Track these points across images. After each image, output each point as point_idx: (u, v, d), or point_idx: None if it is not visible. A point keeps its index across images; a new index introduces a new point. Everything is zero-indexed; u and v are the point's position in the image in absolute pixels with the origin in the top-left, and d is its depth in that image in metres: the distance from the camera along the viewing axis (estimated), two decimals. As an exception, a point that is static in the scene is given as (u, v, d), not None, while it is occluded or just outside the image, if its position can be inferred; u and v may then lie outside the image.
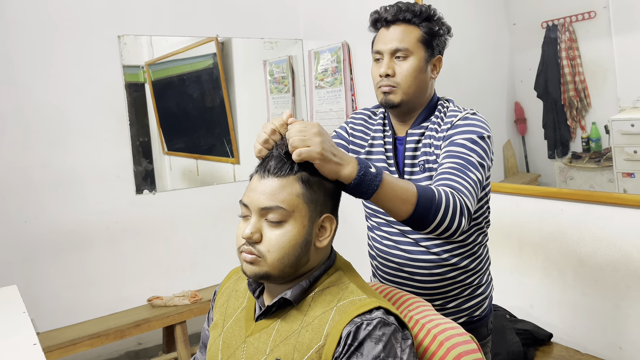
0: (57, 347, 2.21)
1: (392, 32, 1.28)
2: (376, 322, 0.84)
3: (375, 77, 1.31)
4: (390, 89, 1.27)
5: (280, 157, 0.92)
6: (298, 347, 0.87)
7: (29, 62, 2.40)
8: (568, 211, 1.94)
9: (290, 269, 0.92)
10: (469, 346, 0.93)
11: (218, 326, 1.04)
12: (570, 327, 1.97)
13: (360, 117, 1.42)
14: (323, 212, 0.94)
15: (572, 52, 1.92)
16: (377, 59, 1.31)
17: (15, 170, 2.38)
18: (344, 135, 1.41)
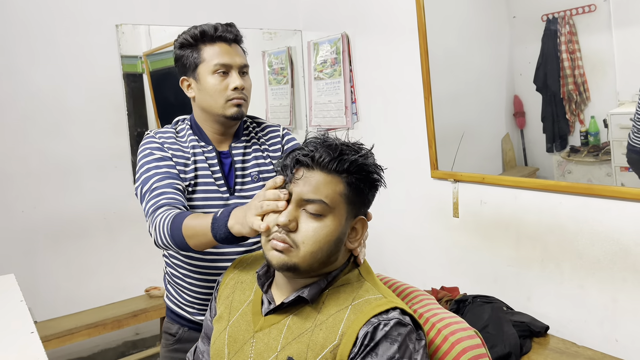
0: (54, 336, 2.21)
1: (234, 49, 1.35)
2: (393, 323, 0.84)
3: (222, 90, 1.31)
4: (242, 102, 1.33)
5: (329, 152, 0.90)
6: (312, 346, 0.86)
7: (27, 52, 2.38)
8: (566, 204, 1.94)
9: (319, 265, 0.91)
10: (473, 341, 0.93)
11: (223, 319, 1.02)
12: (566, 320, 1.98)
13: (168, 135, 1.36)
14: (357, 215, 0.94)
15: (572, 45, 1.92)
16: (222, 71, 1.31)
17: (13, 159, 2.37)
18: (166, 155, 1.33)
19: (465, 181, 2.33)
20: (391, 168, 2.79)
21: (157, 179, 1.25)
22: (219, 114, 1.33)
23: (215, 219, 1.04)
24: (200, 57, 1.32)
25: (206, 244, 1.09)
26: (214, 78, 1.31)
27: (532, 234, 2.08)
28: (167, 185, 1.25)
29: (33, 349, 1.13)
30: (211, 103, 1.32)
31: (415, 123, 2.52)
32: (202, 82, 1.32)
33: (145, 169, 1.30)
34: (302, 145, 0.95)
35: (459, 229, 2.39)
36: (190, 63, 1.33)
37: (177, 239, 1.12)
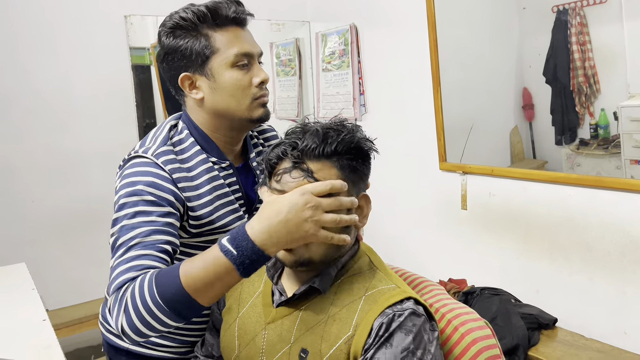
0: (64, 325, 2.24)
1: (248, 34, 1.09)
2: (408, 313, 0.83)
3: (246, 87, 1.05)
4: (267, 100, 1.09)
5: (313, 139, 0.87)
6: (326, 337, 0.85)
7: (34, 44, 2.38)
8: (576, 196, 1.93)
9: (333, 251, 0.89)
10: (483, 332, 0.92)
11: (232, 311, 1.01)
12: (575, 312, 1.98)
13: (168, 159, 1.02)
14: (358, 192, 0.93)
15: (583, 37, 1.90)
16: (244, 63, 1.05)
17: (21, 152, 2.38)
18: (165, 197, 0.98)
19: (473, 173, 2.32)
20: (399, 160, 2.81)
21: (140, 232, 0.93)
22: (242, 118, 1.06)
23: (237, 256, 0.80)
24: (211, 46, 1.02)
25: (227, 288, 0.83)
26: (234, 72, 1.03)
27: (541, 226, 2.07)
28: (151, 244, 0.92)
29: (45, 336, 1.14)
30: (232, 105, 1.04)
31: (423, 115, 2.51)
32: (217, 78, 1.03)
33: (126, 213, 0.95)
34: (283, 139, 0.91)
35: (467, 221, 2.38)
36: (197, 54, 1.02)
37: (174, 302, 0.80)
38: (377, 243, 1.42)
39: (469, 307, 0.98)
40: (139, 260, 0.89)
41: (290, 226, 0.80)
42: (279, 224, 0.80)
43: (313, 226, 0.81)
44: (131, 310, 0.82)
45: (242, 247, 0.80)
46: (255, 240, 0.80)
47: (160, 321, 0.82)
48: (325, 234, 0.83)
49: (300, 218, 0.80)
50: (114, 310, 0.85)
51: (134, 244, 0.91)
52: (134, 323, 0.82)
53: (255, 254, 0.80)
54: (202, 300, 0.82)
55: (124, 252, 0.91)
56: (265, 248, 0.81)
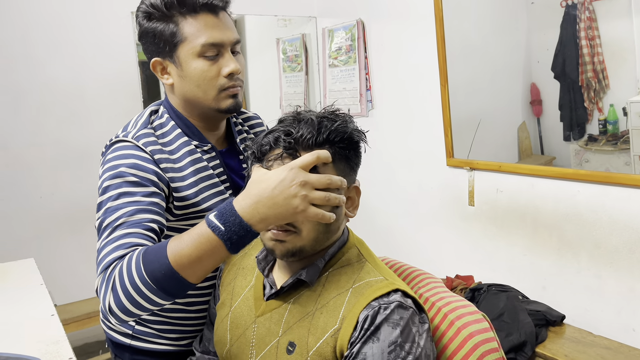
0: (72, 320, 2.25)
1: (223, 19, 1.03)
2: (394, 306, 0.81)
3: (213, 78, 1.02)
4: (238, 90, 1.05)
5: (307, 127, 0.86)
6: (312, 330, 0.84)
7: (44, 39, 2.39)
8: (584, 193, 1.92)
9: (323, 237, 0.88)
10: (480, 325, 0.89)
11: (225, 305, 1.01)
12: (583, 309, 1.97)
13: (149, 141, 1.03)
14: (349, 184, 0.91)
15: (592, 32, 1.89)
16: (211, 54, 1.01)
17: (31, 146, 2.39)
18: (147, 177, 0.98)
19: (481, 169, 2.31)
20: (406, 156, 2.80)
21: (125, 212, 0.91)
22: (209, 107, 1.05)
23: (225, 232, 0.79)
24: (179, 33, 0.99)
25: (214, 265, 0.82)
26: (201, 62, 1.00)
27: (548, 222, 2.06)
28: (137, 223, 0.90)
29: (54, 331, 1.15)
30: (198, 94, 1.03)
31: (431, 110, 2.50)
32: (184, 67, 1.01)
33: (110, 195, 0.94)
34: (277, 126, 0.90)
35: (474, 217, 2.37)
36: (166, 41, 1.00)
37: (162, 279, 0.79)
38: (383, 238, 1.42)
39: (466, 300, 0.96)
40: (126, 239, 0.88)
41: (278, 202, 0.79)
42: (267, 200, 0.79)
43: (302, 202, 0.79)
44: (119, 289, 0.81)
45: (229, 222, 0.79)
46: (243, 216, 0.79)
47: (149, 299, 0.81)
48: (315, 211, 0.81)
49: (288, 194, 0.79)
50: (101, 289, 0.84)
51: (120, 223, 0.90)
52: (122, 302, 0.81)
53: (243, 230, 0.79)
54: (191, 277, 0.81)
55: (110, 233, 0.90)
56: (252, 223, 0.80)
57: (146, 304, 0.81)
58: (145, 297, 0.81)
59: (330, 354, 0.82)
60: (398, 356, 0.78)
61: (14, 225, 2.36)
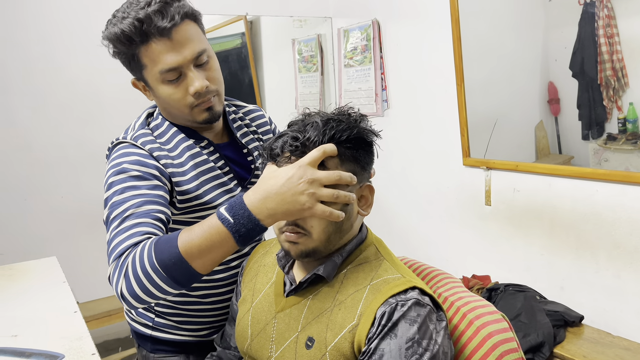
0: (93, 317, 2.29)
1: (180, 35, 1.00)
2: (411, 303, 0.82)
3: (181, 98, 1.03)
4: (212, 101, 1.06)
5: (315, 130, 0.87)
6: (331, 326, 0.86)
7: (65, 42, 2.44)
8: (603, 192, 1.90)
9: (335, 236, 0.89)
10: (499, 325, 0.89)
11: (247, 301, 1.03)
12: (602, 309, 1.95)
13: (147, 140, 1.06)
14: (362, 182, 0.92)
15: (610, 29, 1.86)
16: (171, 78, 1.01)
17: (52, 146, 2.44)
18: (149, 172, 1.01)
19: (498, 169, 2.30)
20: (422, 155, 2.79)
21: (132, 204, 0.94)
22: (189, 120, 1.08)
23: (234, 224, 0.81)
24: (139, 62, 1.01)
25: (222, 257, 0.84)
26: (165, 87, 1.02)
27: (566, 222, 2.04)
28: (145, 213, 0.92)
29: (77, 328, 1.17)
30: (174, 112, 1.06)
31: (447, 110, 2.49)
32: (154, 90, 1.05)
33: (115, 190, 0.97)
34: (285, 130, 0.91)
35: (491, 217, 2.36)
36: (133, 65, 1.03)
37: (172, 268, 0.82)
38: (400, 238, 1.43)
39: (485, 300, 0.95)
40: (137, 228, 0.90)
41: (286, 198, 0.81)
42: (275, 196, 0.81)
43: (309, 199, 0.81)
44: (131, 276, 0.83)
45: (238, 215, 0.82)
46: (252, 210, 0.82)
47: (159, 287, 0.83)
48: (323, 208, 0.82)
49: (295, 190, 0.81)
50: (114, 276, 0.87)
51: (128, 214, 0.92)
52: (133, 288, 0.84)
53: (251, 223, 0.82)
54: (199, 267, 0.83)
55: (119, 224, 0.92)
56: (261, 218, 0.82)
57: (156, 291, 0.84)
58: (155, 284, 0.83)
59: (348, 350, 0.83)
60: (415, 353, 0.79)
61: (36, 224, 2.41)
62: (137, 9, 0.97)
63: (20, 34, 2.34)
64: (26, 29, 2.35)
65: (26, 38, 2.35)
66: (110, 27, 1.02)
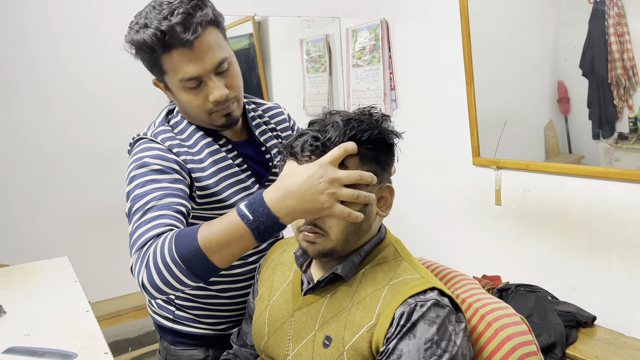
0: (103, 317, 2.30)
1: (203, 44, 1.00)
2: (430, 304, 0.81)
3: (200, 105, 1.05)
4: (231, 107, 1.07)
5: (334, 130, 0.87)
6: (349, 325, 0.85)
7: (73, 41, 2.45)
8: (615, 191, 1.89)
9: (353, 237, 0.89)
10: (518, 327, 0.88)
11: (264, 299, 1.04)
12: (614, 310, 1.93)
13: (170, 135, 1.10)
14: (382, 183, 0.91)
15: (621, 28, 1.85)
16: (192, 86, 1.03)
17: (62, 147, 2.45)
18: (170, 166, 1.03)
19: (508, 168, 2.29)
20: (432, 155, 2.78)
21: (154, 196, 0.96)
22: (207, 123, 1.10)
23: (253, 221, 0.82)
24: (160, 68, 1.03)
25: (241, 252, 0.85)
26: (185, 94, 1.04)
27: (578, 222, 2.03)
28: (166, 205, 0.94)
29: (89, 327, 1.18)
30: (193, 116, 1.09)
31: (456, 109, 2.49)
32: (174, 94, 1.07)
33: (137, 183, 0.99)
34: (305, 129, 0.90)
35: (501, 216, 2.35)
36: (155, 69, 1.05)
37: (191, 261, 0.83)
38: (410, 238, 1.42)
39: (504, 302, 0.94)
40: (159, 220, 0.92)
41: (305, 197, 0.81)
42: (294, 194, 0.81)
43: (329, 199, 0.81)
44: (152, 266, 0.85)
45: (258, 212, 0.82)
46: (271, 207, 0.82)
47: (178, 279, 0.84)
48: (342, 209, 0.82)
49: (315, 190, 0.81)
50: (136, 266, 0.88)
51: (150, 207, 0.94)
52: (153, 279, 0.85)
53: (270, 220, 0.82)
54: (217, 261, 0.84)
55: (141, 216, 0.93)
56: (280, 216, 0.82)
57: (175, 283, 0.85)
58: (175, 276, 0.84)
59: (366, 349, 0.83)
60: (434, 354, 0.78)
61: (47, 225, 2.42)
62: (159, 19, 0.97)
63: (29, 35, 2.36)
64: (35, 30, 2.36)
65: (35, 39, 2.37)
66: (132, 33, 1.03)
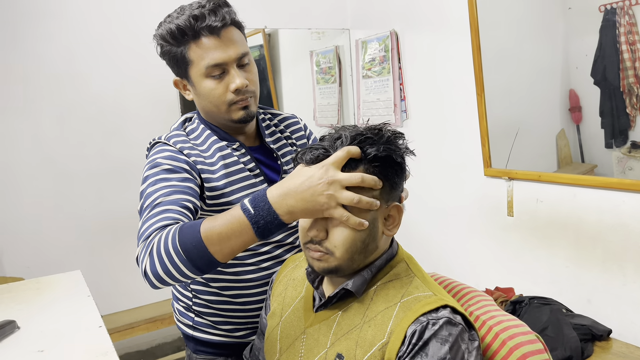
0: (115, 330, 2.31)
1: (226, 39, 1.10)
2: (442, 322, 0.80)
3: (221, 94, 1.11)
4: (248, 102, 1.14)
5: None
6: (360, 343, 0.85)
7: (88, 57, 2.49)
8: (630, 202, 1.86)
9: (359, 257, 0.88)
10: (534, 346, 0.86)
11: (276, 315, 1.03)
12: (630, 323, 1.90)
13: (182, 139, 1.16)
14: (389, 202, 0.90)
15: (632, 36, 1.84)
16: (216, 74, 1.10)
17: (77, 160, 2.48)
18: (181, 166, 1.09)
19: (520, 179, 2.27)
20: (443, 166, 2.77)
21: (162, 193, 1.01)
22: (224, 119, 1.15)
23: (255, 215, 0.84)
24: (187, 57, 1.10)
25: (241, 246, 0.87)
26: (208, 82, 1.11)
27: (592, 233, 2.00)
28: (174, 201, 0.99)
29: (102, 343, 1.18)
30: (212, 109, 1.14)
31: (467, 120, 2.48)
32: (196, 86, 1.13)
33: (149, 182, 1.05)
34: (317, 144, 0.90)
35: (513, 228, 2.33)
36: (179, 63, 1.12)
37: (192, 252, 0.85)
38: (421, 250, 1.42)
39: (518, 320, 0.93)
40: (165, 214, 0.96)
41: (305, 197, 0.83)
42: (295, 193, 0.83)
43: (328, 200, 0.82)
44: (155, 255, 0.88)
45: (259, 207, 0.85)
46: (272, 204, 0.84)
47: (178, 269, 0.87)
48: (341, 212, 0.82)
49: (315, 190, 0.82)
50: (140, 255, 0.91)
51: (158, 202, 0.99)
52: (155, 268, 0.88)
53: (270, 216, 0.84)
54: (217, 253, 0.86)
55: (149, 211, 0.98)
56: (280, 213, 0.84)
57: (176, 272, 0.87)
58: (175, 265, 0.87)
59: None
60: None
61: (61, 237, 2.45)
62: (191, 9, 1.08)
63: (46, 50, 2.40)
64: (51, 45, 2.40)
65: (51, 53, 2.41)
66: (164, 25, 1.11)
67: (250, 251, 1.19)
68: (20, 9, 2.34)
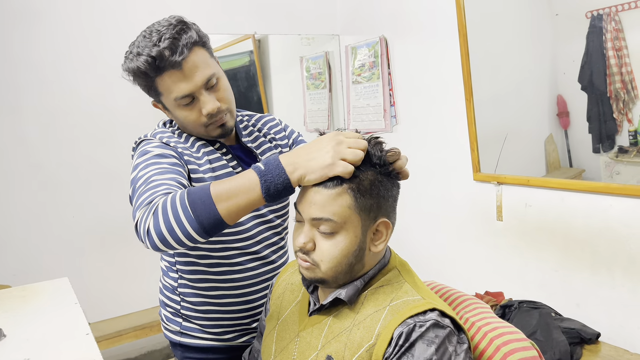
0: (103, 337, 2.28)
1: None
2: (430, 324, 0.82)
3: (196, 119, 1.13)
4: (224, 119, 1.16)
5: None
6: (349, 345, 0.86)
7: (77, 62, 2.47)
8: (617, 207, 1.88)
9: (344, 276, 0.91)
10: (528, 352, 0.87)
11: (273, 318, 1.06)
12: (618, 326, 1.92)
13: (169, 135, 1.19)
14: (378, 218, 0.91)
15: (619, 42, 1.86)
16: (186, 103, 1.12)
17: (64, 165, 2.46)
18: (170, 153, 1.12)
19: (509, 184, 2.28)
20: (432, 171, 2.78)
21: (155, 173, 1.02)
22: (204, 135, 1.18)
23: (264, 171, 0.87)
24: (157, 89, 1.12)
25: (247, 205, 0.88)
26: (181, 111, 1.13)
27: (580, 237, 2.02)
28: (169, 178, 1.00)
29: (89, 350, 1.17)
30: (190, 129, 1.17)
31: (456, 125, 2.49)
32: (172, 112, 1.16)
33: (140, 167, 1.06)
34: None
35: (503, 232, 2.34)
36: (151, 93, 1.16)
37: (199, 207, 0.86)
38: (411, 254, 1.42)
39: (514, 327, 0.94)
40: (165, 185, 0.97)
41: (311, 152, 0.88)
42: (303, 152, 0.89)
43: (332, 155, 0.86)
44: (160, 212, 0.88)
45: (269, 163, 0.88)
46: (281, 160, 0.88)
47: (182, 227, 0.86)
48: (345, 166, 0.86)
49: (322, 148, 0.87)
50: (143, 216, 0.90)
51: (152, 179, 0.99)
52: (159, 225, 0.87)
53: (278, 169, 0.87)
54: (223, 210, 0.86)
55: (145, 185, 0.98)
56: (288, 171, 0.87)
57: (179, 231, 0.86)
58: (179, 222, 0.86)
59: None
60: None
61: (48, 244, 2.42)
62: (150, 46, 1.08)
63: (34, 55, 2.38)
64: (38, 50, 2.38)
65: (38, 58, 2.39)
66: (127, 62, 1.13)
67: (237, 250, 1.21)
68: (6, 14, 2.32)
